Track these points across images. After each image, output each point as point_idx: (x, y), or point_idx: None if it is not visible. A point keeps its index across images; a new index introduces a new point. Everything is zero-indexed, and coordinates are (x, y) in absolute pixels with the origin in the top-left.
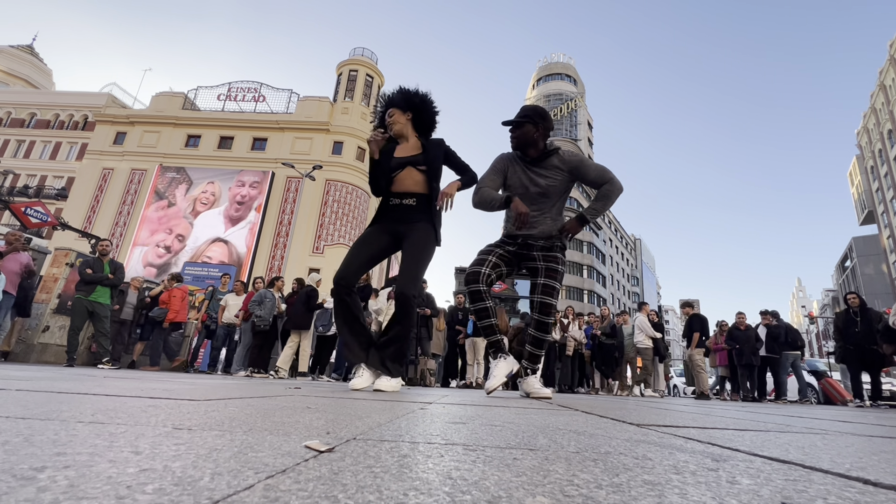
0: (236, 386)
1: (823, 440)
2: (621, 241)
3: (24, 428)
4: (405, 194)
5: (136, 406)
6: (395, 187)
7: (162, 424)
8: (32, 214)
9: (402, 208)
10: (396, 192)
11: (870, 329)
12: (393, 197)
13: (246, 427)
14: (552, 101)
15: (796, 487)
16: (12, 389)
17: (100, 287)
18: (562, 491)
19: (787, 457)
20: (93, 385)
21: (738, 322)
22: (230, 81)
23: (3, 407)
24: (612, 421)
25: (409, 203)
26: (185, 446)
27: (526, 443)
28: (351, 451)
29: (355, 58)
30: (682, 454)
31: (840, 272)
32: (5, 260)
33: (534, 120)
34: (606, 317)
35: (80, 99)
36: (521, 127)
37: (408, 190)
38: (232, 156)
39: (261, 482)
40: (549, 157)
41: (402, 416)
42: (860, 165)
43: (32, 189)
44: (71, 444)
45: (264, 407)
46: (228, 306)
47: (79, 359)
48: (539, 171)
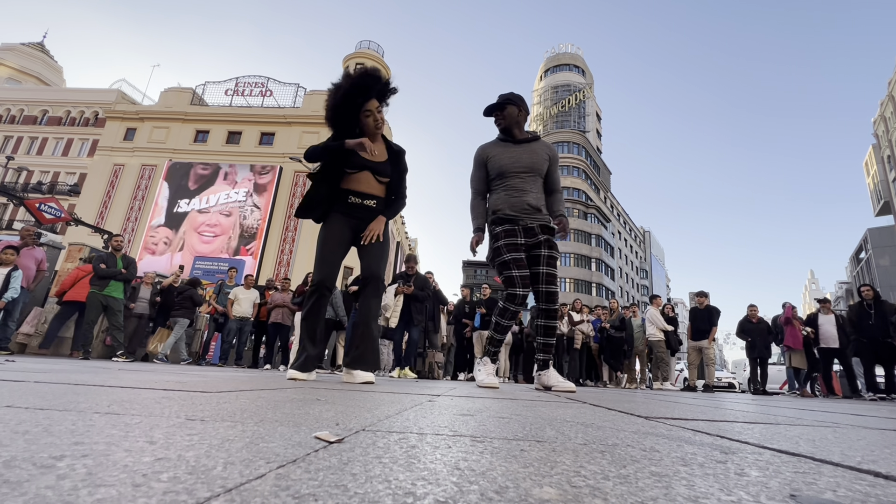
0: (247, 378)
1: (835, 433)
2: (630, 233)
3: (42, 418)
4: (366, 195)
5: (150, 398)
6: (352, 185)
7: (175, 415)
8: (46, 210)
9: (362, 209)
10: (356, 190)
11: (884, 322)
12: (352, 195)
13: (257, 418)
14: (560, 93)
15: (805, 480)
16: (31, 381)
17: (113, 281)
18: (569, 482)
19: (797, 449)
20: (108, 377)
21: (750, 315)
22: (237, 76)
23: (22, 398)
24: (619, 413)
25: (370, 205)
26: (198, 436)
27: (533, 434)
28: (360, 442)
29: (361, 51)
30: (691, 446)
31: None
32: (20, 256)
33: (516, 102)
34: (615, 310)
35: (90, 96)
36: (505, 109)
37: (368, 192)
38: (240, 150)
39: (272, 471)
40: (533, 140)
41: (411, 408)
42: (876, 155)
43: (46, 185)
44: (88, 433)
45: (275, 399)
46: (238, 300)
47: (94, 352)
48: (524, 150)
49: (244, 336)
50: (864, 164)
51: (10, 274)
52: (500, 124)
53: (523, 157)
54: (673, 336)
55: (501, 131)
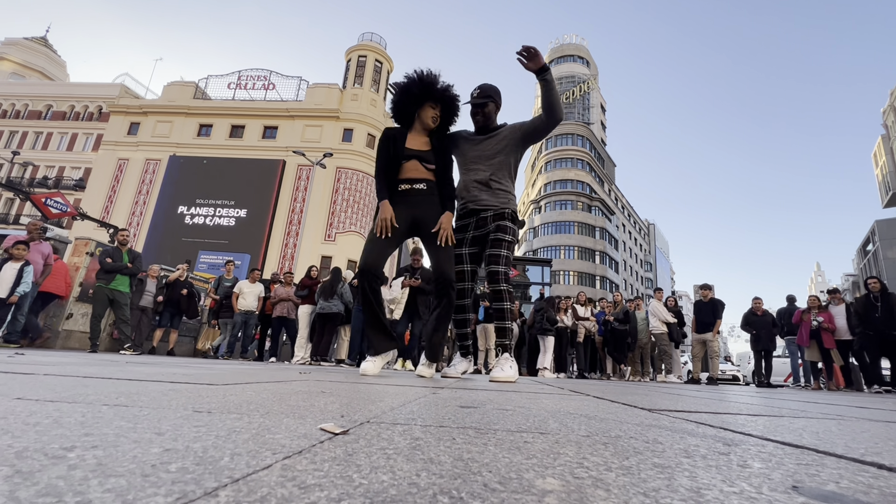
0: (253, 371)
1: (839, 425)
2: (634, 226)
3: (53, 410)
4: (415, 180)
5: (157, 390)
6: (403, 174)
7: (182, 407)
8: (52, 205)
9: (412, 193)
10: (405, 178)
11: (890, 314)
12: (402, 183)
13: (263, 410)
14: (564, 84)
15: (808, 472)
16: (40, 374)
17: (119, 275)
18: (571, 473)
19: (801, 441)
20: (116, 370)
21: (755, 307)
22: (240, 69)
23: (33, 390)
24: (623, 406)
25: (420, 188)
26: (205, 428)
27: (537, 426)
28: (365, 434)
29: (364, 43)
30: (694, 438)
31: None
32: (28, 251)
33: (495, 99)
34: (619, 302)
35: (93, 90)
36: (486, 107)
37: (417, 177)
38: (244, 144)
39: (278, 462)
40: (500, 128)
41: (415, 401)
42: (885, 145)
43: (51, 180)
44: (97, 425)
45: (280, 391)
46: (243, 294)
47: (101, 345)
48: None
49: (249, 329)
50: (873, 155)
51: (22, 269)
52: (479, 122)
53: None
54: (676, 329)
55: (479, 127)
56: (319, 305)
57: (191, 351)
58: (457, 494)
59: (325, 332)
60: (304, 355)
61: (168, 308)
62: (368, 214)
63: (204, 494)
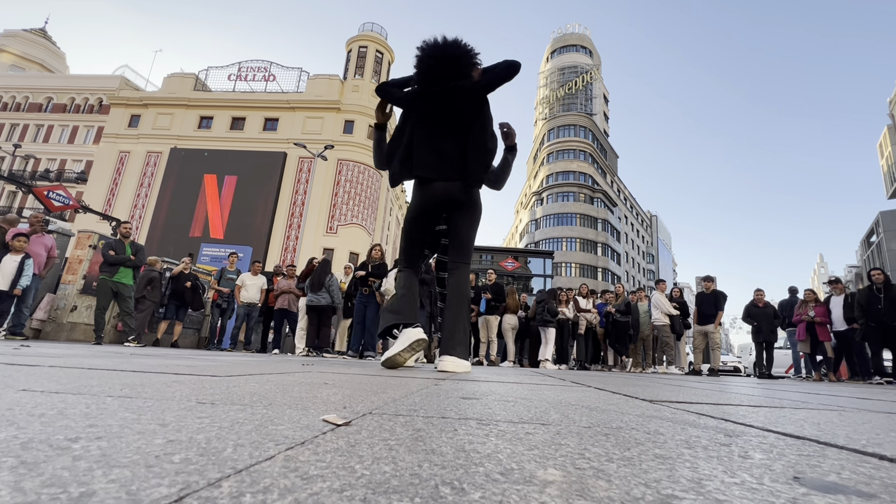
0: (256, 363)
1: (840, 416)
2: (637, 217)
3: (58, 401)
4: None
5: (161, 381)
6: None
7: (186, 399)
8: (55, 198)
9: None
10: None
11: (893, 306)
12: None
13: (266, 402)
14: (567, 74)
15: (810, 462)
16: (46, 366)
17: (122, 268)
18: (573, 464)
19: (802, 433)
20: (120, 362)
21: (757, 299)
22: (240, 61)
23: (38, 382)
24: (624, 397)
25: None
26: (208, 419)
27: (538, 418)
28: (367, 425)
29: (364, 33)
30: (695, 429)
31: (865, 247)
32: (30, 243)
33: None
34: (621, 294)
35: (94, 82)
36: None
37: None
38: (244, 136)
39: (281, 453)
40: None
41: (417, 392)
42: (891, 136)
43: (53, 173)
44: (101, 416)
45: (283, 383)
46: (246, 286)
47: (106, 337)
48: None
49: (252, 321)
50: (879, 146)
51: (23, 261)
52: None
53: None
54: (678, 320)
55: None
56: (308, 298)
57: (195, 343)
58: (458, 485)
59: (321, 324)
60: (304, 346)
61: (173, 300)
62: (370, 206)
63: (207, 485)
